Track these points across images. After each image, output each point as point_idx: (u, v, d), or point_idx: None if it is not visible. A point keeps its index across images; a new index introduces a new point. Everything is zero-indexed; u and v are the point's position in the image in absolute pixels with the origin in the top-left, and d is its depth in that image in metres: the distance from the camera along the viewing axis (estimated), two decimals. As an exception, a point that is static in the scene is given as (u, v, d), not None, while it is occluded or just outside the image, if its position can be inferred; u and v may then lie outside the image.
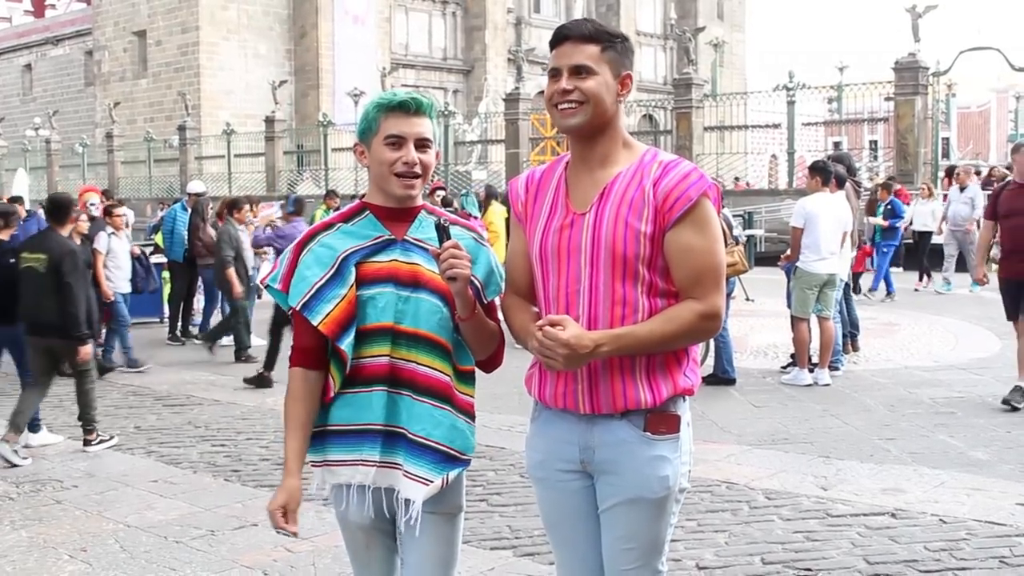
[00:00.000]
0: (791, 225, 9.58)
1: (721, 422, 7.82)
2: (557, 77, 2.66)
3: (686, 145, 26.61)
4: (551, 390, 2.72)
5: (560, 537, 2.87)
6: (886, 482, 6.16)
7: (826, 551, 5.01)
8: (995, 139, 65.89)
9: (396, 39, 49.49)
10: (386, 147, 2.70)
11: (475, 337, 2.76)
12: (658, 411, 2.67)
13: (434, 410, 2.71)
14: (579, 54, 2.63)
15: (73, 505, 6.05)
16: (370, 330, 2.70)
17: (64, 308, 7.17)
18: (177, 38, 44.89)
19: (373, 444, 2.72)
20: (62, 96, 53.93)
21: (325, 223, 2.80)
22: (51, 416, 8.54)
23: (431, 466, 2.71)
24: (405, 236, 2.75)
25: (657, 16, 61.29)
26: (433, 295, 2.71)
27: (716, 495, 5.95)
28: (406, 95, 2.73)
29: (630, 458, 2.67)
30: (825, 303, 9.31)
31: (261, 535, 5.40)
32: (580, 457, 2.73)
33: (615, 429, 2.67)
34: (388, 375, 2.70)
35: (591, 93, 2.62)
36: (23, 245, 7.74)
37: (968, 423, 7.63)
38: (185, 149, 39.25)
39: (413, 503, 2.71)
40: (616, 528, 2.73)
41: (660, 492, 2.68)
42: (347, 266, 2.70)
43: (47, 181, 43.36)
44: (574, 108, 2.63)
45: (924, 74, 23.58)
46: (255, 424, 8.16)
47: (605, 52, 2.64)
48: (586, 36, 2.64)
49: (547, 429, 2.80)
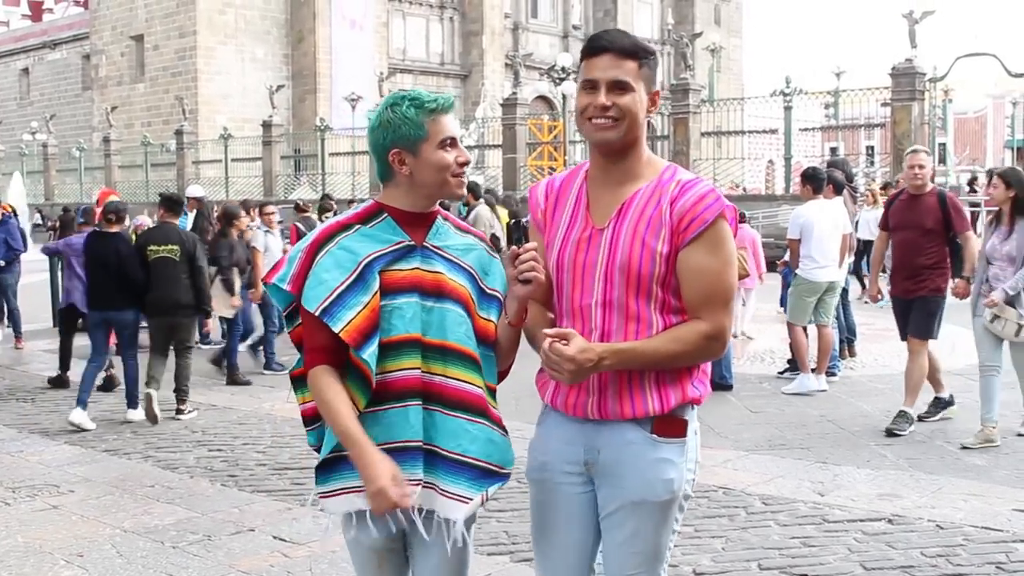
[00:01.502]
0: (788, 237, 9.57)
1: (718, 427, 7.81)
2: (593, 90, 2.62)
3: (683, 151, 26.63)
4: (562, 399, 2.73)
5: (551, 543, 2.84)
6: (883, 488, 6.17)
7: (823, 557, 5.01)
8: (992, 145, 66.00)
9: (394, 44, 49.55)
10: (442, 150, 2.64)
11: (510, 345, 2.73)
12: (666, 415, 2.67)
13: (469, 424, 2.62)
14: (618, 69, 2.60)
15: (70, 510, 6.04)
16: (398, 341, 2.58)
17: (198, 287, 8.67)
18: (174, 42, 44.94)
19: (415, 462, 2.59)
20: (59, 100, 53.97)
21: (341, 223, 2.68)
22: (47, 421, 8.54)
23: (469, 483, 2.62)
24: (424, 243, 2.67)
25: (654, 21, 61.39)
26: (457, 305, 2.64)
27: (713, 500, 5.95)
28: (442, 96, 2.68)
29: (636, 459, 2.67)
30: (824, 311, 9.32)
31: (258, 540, 5.40)
32: (584, 458, 2.73)
33: (623, 431, 2.68)
34: (421, 389, 2.59)
35: (628, 110, 2.60)
36: (146, 239, 8.87)
37: (964, 429, 7.63)
38: (182, 153, 39.25)
39: (455, 523, 2.62)
40: (620, 532, 2.72)
41: (664, 495, 2.68)
42: (371, 272, 2.58)
43: (44, 185, 43.39)
44: (610, 124, 2.61)
45: (921, 80, 23.62)
46: (252, 429, 8.15)
47: (642, 68, 2.63)
48: (626, 51, 2.62)
49: (553, 431, 2.79)
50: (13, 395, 9.82)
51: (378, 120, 2.66)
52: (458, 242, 2.74)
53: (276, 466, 6.96)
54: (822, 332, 9.35)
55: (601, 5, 58.67)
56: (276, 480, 6.64)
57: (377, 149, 2.67)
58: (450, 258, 2.67)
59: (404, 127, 2.61)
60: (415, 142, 2.61)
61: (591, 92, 2.62)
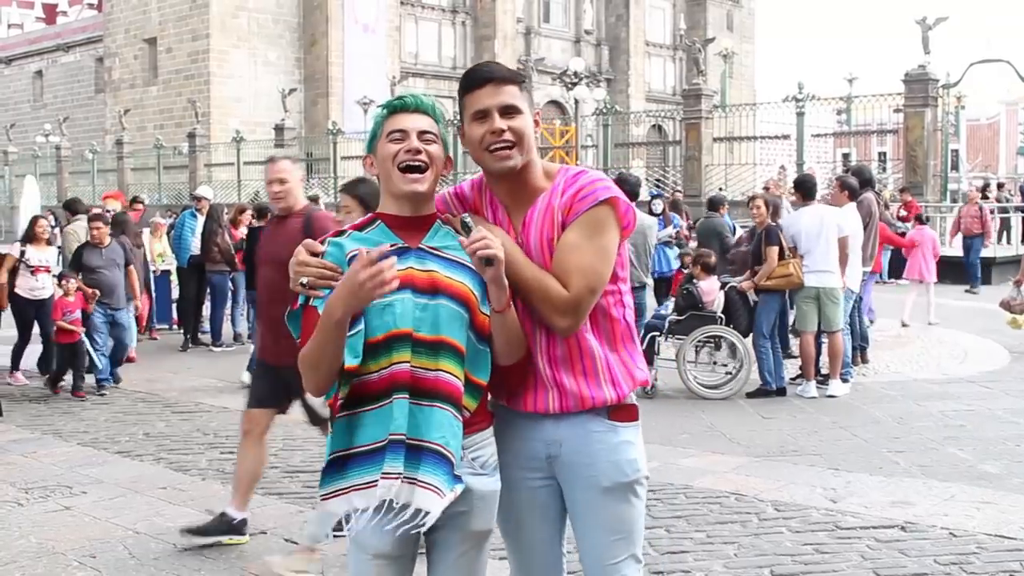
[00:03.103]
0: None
1: (730, 434, 7.81)
2: (485, 118, 2.72)
3: (695, 156, 26.61)
4: (520, 399, 2.82)
5: (520, 541, 2.94)
6: (895, 495, 6.15)
7: (835, 564, 4.99)
8: (1004, 151, 65.84)
9: (406, 48, 49.61)
10: (389, 143, 2.67)
11: (506, 336, 2.69)
12: (620, 403, 2.82)
13: (453, 419, 2.62)
14: (504, 95, 2.72)
15: (83, 511, 6.06)
16: (389, 337, 2.58)
17: None
18: (187, 45, 45.04)
19: (396, 455, 2.57)
20: (72, 103, 54.15)
21: (336, 232, 2.74)
22: (60, 423, 8.57)
23: (446, 476, 2.60)
24: (420, 244, 2.68)
25: (667, 27, 61.36)
26: (452, 300, 2.63)
27: (725, 507, 5.95)
28: (404, 95, 2.75)
29: (600, 446, 2.80)
30: (824, 317, 9.28)
31: (270, 543, 5.40)
32: (546, 452, 2.82)
33: (582, 422, 2.80)
34: (410, 383, 2.58)
35: (521, 132, 2.72)
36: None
37: (977, 436, 7.61)
38: (195, 156, 39.33)
39: (428, 513, 2.58)
40: (595, 520, 2.82)
41: (632, 475, 2.82)
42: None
43: (57, 187, 43.49)
44: (508, 149, 2.71)
45: (934, 86, 23.55)
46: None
47: (523, 92, 2.78)
48: (506, 78, 2.74)
49: (511, 428, 2.84)
50: (26, 396, 9.86)
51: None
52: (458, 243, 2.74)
53: (288, 469, 6.97)
54: (831, 338, 9.35)
55: (613, 10, 58.66)
56: (288, 483, 6.65)
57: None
58: (449, 258, 2.67)
59: (370, 133, 2.74)
60: (373, 141, 2.73)
61: (482, 121, 2.73)
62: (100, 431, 8.23)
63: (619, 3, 58.56)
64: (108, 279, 10.09)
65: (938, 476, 6.57)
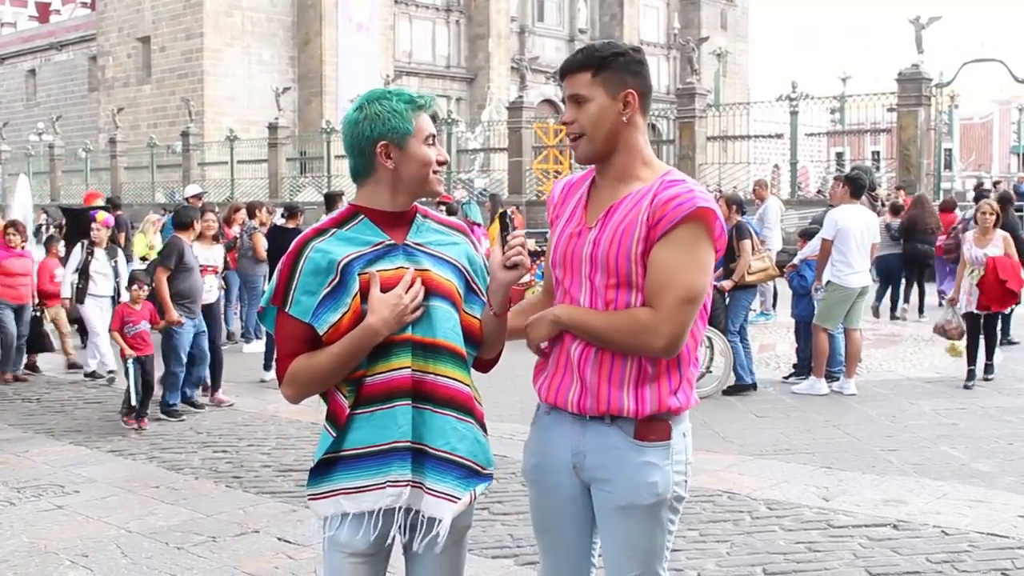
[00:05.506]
0: (822, 237, 9.55)
1: (723, 432, 7.81)
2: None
3: (689, 155, 26.60)
4: (547, 383, 2.81)
5: (550, 541, 2.92)
6: (888, 493, 6.16)
7: (828, 562, 5.00)
8: (998, 151, 65.94)
9: (400, 47, 49.58)
10: (427, 146, 2.66)
11: (496, 335, 2.74)
12: (648, 418, 2.71)
13: (457, 423, 2.60)
14: (572, 85, 2.74)
15: (75, 510, 6.05)
16: (390, 342, 2.56)
17: None
18: (181, 44, 44.98)
19: (403, 462, 2.57)
20: (66, 101, 54.02)
21: (315, 229, 2.65)
22: (53, 421, 8.55)
23: (457, 482, 2.59)
24: (406, 241, 2.66)
25: (660, 26, 61.38)
26: (444, 301, 2.63)
27: (718, 505, 5.95)
28: (427, 95, 2.72)
29: (620, 464, 2.72)
30: (852, 314, 9.29)
31: (263, 542, 5.40)
32: (572, 461, 2.79)
33: (606, 435, 2.73)
34: (412, 388, 2.57)
35: (585, 121, 2.72)
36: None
37: (970, 435, 7.63)
38: (188, 155, 39.23)
39: (441, 522, 2.59)
40: (614, 536, 2.78)
41: (650, 499, 2.71)
42: (350, 273, 2.56)
43: (50, 186, 43.36)
44: (575, 139, 2.75)
45: (927, 85, 23.57)
46: (257, 431, 8.16)
47: (597, 75, 2.72)
48: (576, 65, 2.74)
49: (544, 433, 2.87)
50: (19, 395, 9.84)
51: (362, 113, 2.63)
52: (441, 238, 2.74)
53: (281, 468, 6.97)
54: (851, 336, 9.34)
55: (607, 9, 58.66)
56: (281, 482, 6.64)
57: (360, 142, 2.63)
58: (435, 254, 2.67)
59: (393, 119, 2.61)
60: (403, 135, 2.62)
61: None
62: (93, 430, 8.21)
63: (613, 2, 58.57)
64: (200, 284, 9.03)
65: (931, 474, 6.58)
